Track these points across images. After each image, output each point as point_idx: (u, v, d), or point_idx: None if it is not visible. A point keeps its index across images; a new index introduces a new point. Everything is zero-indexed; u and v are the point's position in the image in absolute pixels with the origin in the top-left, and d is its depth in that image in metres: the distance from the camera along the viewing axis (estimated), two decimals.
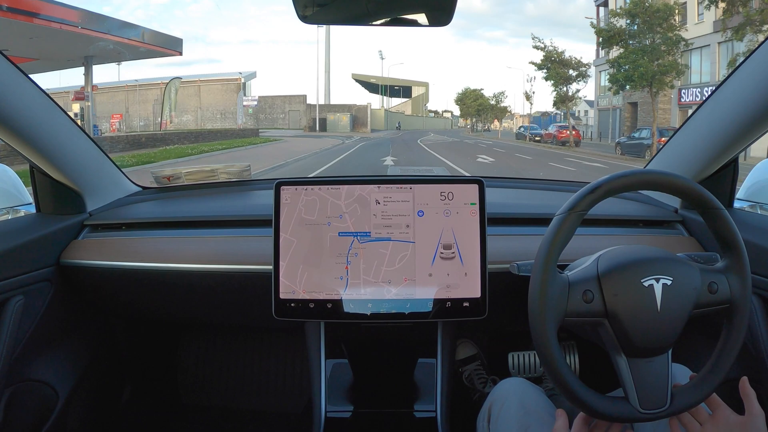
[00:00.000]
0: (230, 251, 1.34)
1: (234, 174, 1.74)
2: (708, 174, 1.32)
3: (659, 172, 0.88)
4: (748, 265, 0.87)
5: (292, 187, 1.19)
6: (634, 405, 0.83)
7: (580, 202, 0.85)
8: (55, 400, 1.40)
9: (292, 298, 1.17)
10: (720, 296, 0.86)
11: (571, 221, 0.84)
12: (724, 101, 1.23)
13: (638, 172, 0.89)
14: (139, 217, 1.50)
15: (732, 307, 0.86)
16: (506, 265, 1.17)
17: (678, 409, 0.84)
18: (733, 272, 0.87)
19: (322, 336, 1.34)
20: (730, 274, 0.87)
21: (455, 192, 1.19)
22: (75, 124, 1.36)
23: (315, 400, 1.32)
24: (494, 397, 1.12)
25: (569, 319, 0.84)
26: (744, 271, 0.87)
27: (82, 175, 1.41)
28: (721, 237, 0.88)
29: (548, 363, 0.83)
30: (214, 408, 1.95)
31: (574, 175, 12.79)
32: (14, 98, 1.16)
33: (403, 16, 1.09)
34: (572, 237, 0.86)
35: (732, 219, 0.86)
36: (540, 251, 0.85)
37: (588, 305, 0.84)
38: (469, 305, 1.17)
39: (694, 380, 0.87)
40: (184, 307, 1.52)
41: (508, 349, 1.78)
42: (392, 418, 1.33)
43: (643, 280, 0.83)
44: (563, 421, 0.89)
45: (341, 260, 1.17)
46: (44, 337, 1.34)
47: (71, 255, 1.35)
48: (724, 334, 0.87)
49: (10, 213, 1.44)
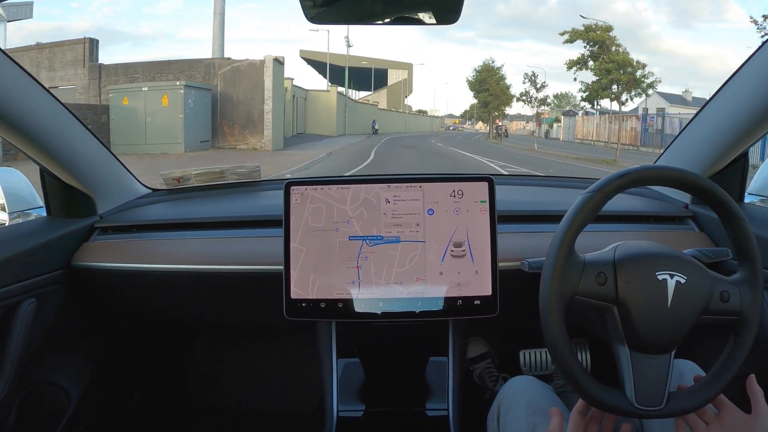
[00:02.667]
0: (241, 252, 1.34)
1: (243, 175, 1.74)
2: (718, 169, 1.32)
3: (692, 175, 0.88)
4: (762, 281, 0.87)
5: (302, 187, 1.19)
6: (630, 398, 0.83)
7: (609, 184, 0.85)
8: (68, 403, 1.40)
9: (303, 298, 1.17)
10: (730, 306, 0.85)
11: (597, 201, 0.85)
12: (734, 95, 1.22)
13: (671, 170, 0.89)
14: (150, 219, 1.51)
15: (741, 320, 0.86)
16: (517, 262, 1.16)
17: (672, 412, 0.84)
18: (746, 286, 0.86)
19: (333, 335, 1.34)
20: (743, 287, 0.86)
21: (465, 190, 1.19)
22: (84, 126, 1.37)
23: (326, 399, 1.32)
24: (503, 396, 1.12)
25: (579, 297, 0.84)
26: (757, 286, 0.86)
27: (92, 177, 1.42)
28: (740, 248, 0.88)
29: (550, 337, 0.83)
30: (224, 409, 1.95)
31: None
32: (24, 102, 1.16)
33: (410, 15, 1.09)
34: (588, 224, 0.86)
35: (753, 233, 0.86)
36: (560, 227, 0.85)
37: (600, 287, 0.84)
38: (480, 303, 1.17)
39: (694, 386, 0.87)
40: (195, 309, 1.53)
41: (520, 347, 1.78)
42: (404, 417, 1.33)
43: (658, 273, 0.83)
44: (558, 420, 0.90)
45: (351, 264, 1.17)
46: (56, 339, 1.35)
47: (82, 258, 1.36)
48: (730, 345, 0.87)
49: (21, 216, 1.45)
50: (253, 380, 1.98)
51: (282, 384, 1.96)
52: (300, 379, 1.93)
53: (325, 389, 1.33)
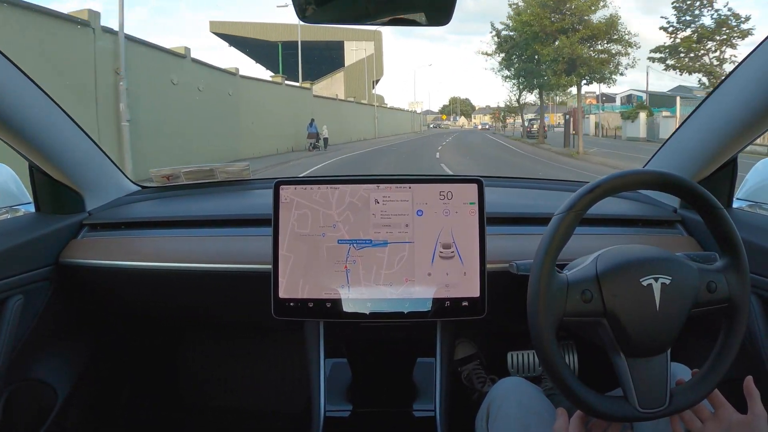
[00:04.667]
0: (229, 250, 1.34)
1: (233, 173, 1.74)
2: (707, 173, 1.33)
3: (657, 172, 0.89)
4: (746, 264, 0.87)
5: (292, 186, 1.19)
6: (633, 404, 0.83)
7: (579, 201, 0.85)
8: (55, 400, 1.39)
9: (291, 298, 1.17)
10: (719, 295, 0.86)
11: (570, 221, 0.85)
12: (724, 100, 1.23)
13: (636, 172, 0.89)
14: (139, 216, 1.50)
15: (731, 306, 0.86)
16: (505, 264, 1.17)
17: (677, 409, 0.84)
18: (731, 271, 0.87)
19: (321, 335, 1.34)
20: (729, 273, 0.87)
21: (454, 191, 1.19)
22: (74, 123, 1.36)
23: (314, 399, 1.32)
24: (492, 397, 1.12)
25: (568, 318, 0.85)
26: (743, 270, 0.87)
27: (81, 174, 1.41)
28: (720, 236, 0.88)
29: (547, 362, 0.83)
30: (213, 407, 1.95)
31: None
32: (13, 97, 1.15)
33: (402, 16, 1.09)
34: (571, 236, 0.86)
35: (731, 218, 0.87)
36: (539, 251, 0.85)
37: (587, 305, 0.84)
38: (468, 304, 1.17)
39: (694, 379, 0.87)
40: (184, 307, 1.52)
41: (507, 349, 1.78)
42: (391, 418, 1.33)
43: (642, 279, 0.83)
44: (564, 420, 0.89)
45: (340, 268, 1.17)
46: (43, 336, 1.34)
47: (70, 254, 1.35)
48: (723, 333, 0.87)
49: (9, 212, 1.44)
50: (242, 379, 1.98)
51: (270, 383, 1.95)
52: (287, 378, 1.93)
53: (312, 389, 1.33)
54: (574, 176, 11.67)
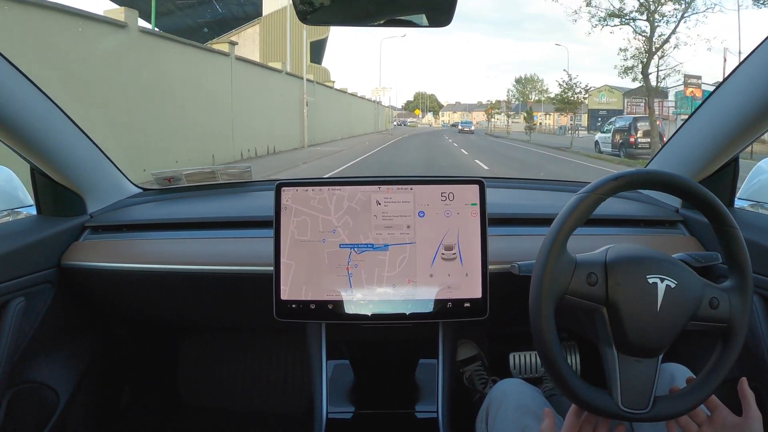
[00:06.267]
0: (231, 252, 1.34)
1: (234, 175, 1.74)
2: (709, 173, 1.32)
3: (685, 180, 0.88)
4: (751, 289, 0.87)
5: (293, 188, 1.19)
6: (616, 400, 0.83)
7: (603, 185, 0.85)
8: (56, 402, 1.39)
9: (293, 299, 1.17)
10: (720, 313, 0.85)
11: (590, 202, 0.85)
12: (725, 100, 1.23)
13: (664, 174, 0.89)
14: (140, 218, 1.50)
15: (729, 327, 0.86)
16: (507, 265, 1.16)
17: (657, 416, 0.84)
18: (736, 293, 0.87)
19: (323, 337, 1.34)
20: (733, 295, 0.87)
21: (456, 192, 1.19)
22: (75, 125, 1.36)
23: (316, 401, 1.31)
24: (491, 398, 1.12)
25: (569, 297, 0.85)
26: (747, 295, 0.87)
27: (82, 176, 1.41)
28: (731, 256, 0.88)
29: (539, 335, 0.83)
30: (214, 409, 1.95)
31: None
32: (14, 100, 1.16)
33: (403, 17, 1.09)
34: (581, 225, 0.86)
35: (744, 241, 0.87)
36: (553, 226, 0.85)
37: (590, 288, 0.84)
38: (470, 306, 1.17)
39: (679, 393, 0.87)
40: (185, 309, 1.52)
41: (509, 350, 1.78)
42: (393, 419, 1.33)
43: (649, 276, 0.83)
44: (550, 421, 0.89)
45: (342, 272, 1.17)
46: (45, 338, 1.34)
47: (72, 257, 1.35)
48: (717, 353, 0.87)
49: (11, 215, 1.44)
50: (243, 381, 1.98)
51: (271, 385, 1.95)
52: (290, 380, 1.93)
53: (314, 390, 1.32)
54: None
